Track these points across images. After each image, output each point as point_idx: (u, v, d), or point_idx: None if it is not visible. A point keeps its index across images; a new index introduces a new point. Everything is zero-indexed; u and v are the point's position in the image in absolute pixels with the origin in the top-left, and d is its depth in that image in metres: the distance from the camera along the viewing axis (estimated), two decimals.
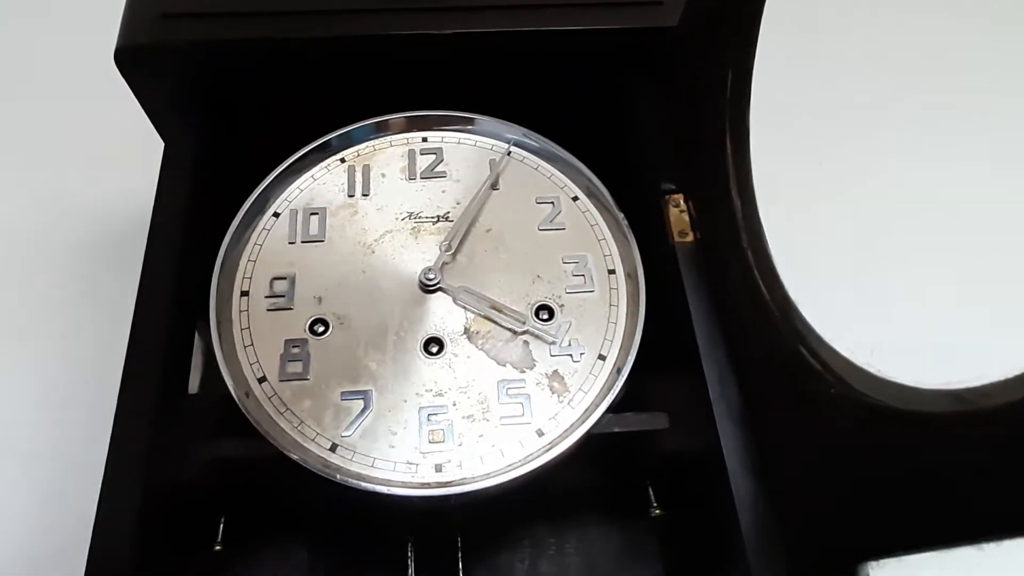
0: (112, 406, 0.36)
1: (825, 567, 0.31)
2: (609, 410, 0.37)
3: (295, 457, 0.35)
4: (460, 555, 0.42)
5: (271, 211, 0.43)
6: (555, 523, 0.44)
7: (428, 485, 0.35)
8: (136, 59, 0.41)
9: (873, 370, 0.29)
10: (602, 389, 0.38)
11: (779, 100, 0.52)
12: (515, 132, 0.45)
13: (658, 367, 0.39)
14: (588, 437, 0.36)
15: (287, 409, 0.37)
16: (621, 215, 0.42)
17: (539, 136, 0.45)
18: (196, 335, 0.43)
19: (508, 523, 0.44)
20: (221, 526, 0.38)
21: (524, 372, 0.38)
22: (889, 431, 0.29)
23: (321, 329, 0.39)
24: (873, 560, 0.30)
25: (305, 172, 0.44)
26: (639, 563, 0.43)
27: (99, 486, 0.34)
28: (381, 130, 0.46)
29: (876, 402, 0.29)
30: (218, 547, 0.38)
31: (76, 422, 0.51)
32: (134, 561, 0.33)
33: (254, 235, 0.42)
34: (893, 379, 0.28)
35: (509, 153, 0.45)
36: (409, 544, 0.42)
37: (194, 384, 0.44)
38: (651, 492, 0.42)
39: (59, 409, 0.52)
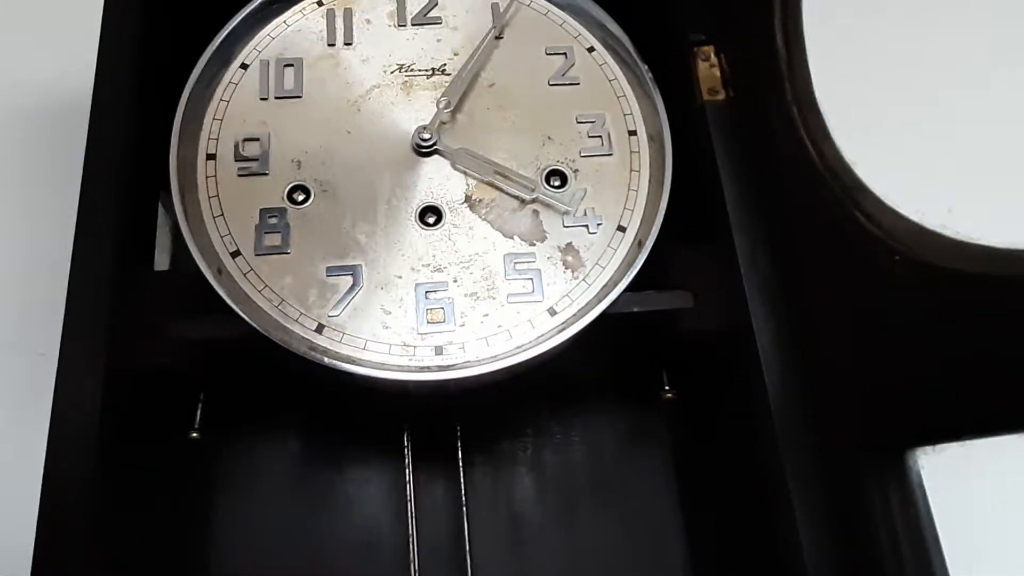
0: None
1: (870, 454, 0.29)
2: (629, 288, 0.33)
3: (277, 339, 0.31)
4: (460, 443, 0.39)
5: (238, 62, 0.37)
6: (560, 410, 0.41)
7: (428, 369, 0.32)
8: None
9: (950, 232, 0.25)
10: (621, 264, 0.34)
11: None
12: None
13: (682, 240, 0.35)
14: (605, 317, 0.33)
15: (265, 286, 0.33)
16: (644, 67, 0.37)
17: None
18: (161, 209, 0.39)
19: (511, 411, 0.41)
20: (199, 411, 0.34)
21: (534, 245, 0.34)
22: (957, 298, 0.25)
23: (301, 197, 0.34)
24: (927, 445, 0.27)
25: (276, 17, 0.38)
26: (647, 450, 0.41)
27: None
28: None
29: (947, 268, 0.25)
30: (195, 434, 0.34)
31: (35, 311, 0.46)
32: (99, 449, 0.29)
33: (219, 90, 0.37)
34: (975, 240, 0.24)
35: None
36: (406, 433, 0.39)
37: (163, 262, 0.39)
38: (664, 375, 0.39)
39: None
